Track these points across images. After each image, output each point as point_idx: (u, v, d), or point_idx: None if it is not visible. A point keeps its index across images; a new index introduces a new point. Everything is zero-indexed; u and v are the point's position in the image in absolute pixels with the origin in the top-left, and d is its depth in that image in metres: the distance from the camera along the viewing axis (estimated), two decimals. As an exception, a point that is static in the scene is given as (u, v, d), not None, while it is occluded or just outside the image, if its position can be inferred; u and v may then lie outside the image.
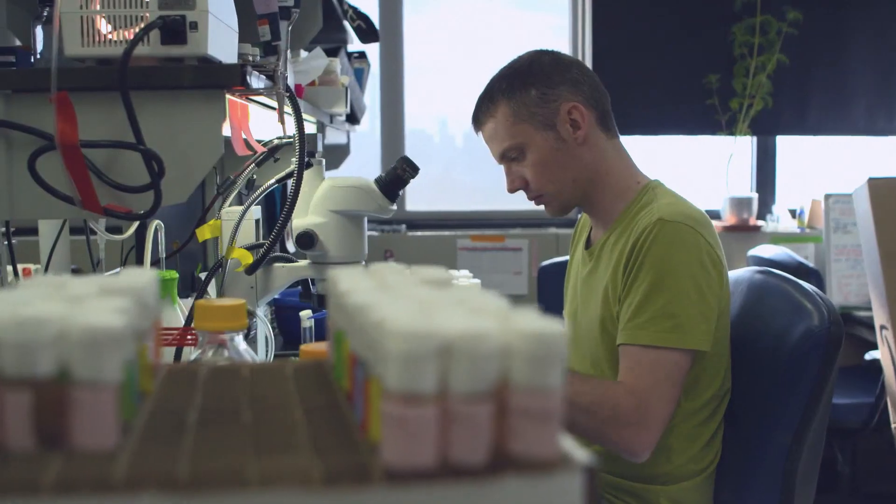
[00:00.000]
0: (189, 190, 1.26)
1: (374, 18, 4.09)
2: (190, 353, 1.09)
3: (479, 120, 1.79)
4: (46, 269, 1.98)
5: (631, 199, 1.72)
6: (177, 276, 1.77)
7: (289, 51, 2.10)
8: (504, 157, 1.76)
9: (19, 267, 2.41)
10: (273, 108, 1.59)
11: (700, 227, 1.61)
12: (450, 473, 0.42)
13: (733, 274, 1.88)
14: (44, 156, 1.18)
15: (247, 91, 1.29)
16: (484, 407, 0.42)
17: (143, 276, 0.59)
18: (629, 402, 1.55)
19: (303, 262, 1.70)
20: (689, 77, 3.92)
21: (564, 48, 4.09)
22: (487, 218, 4.10)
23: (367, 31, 3.19)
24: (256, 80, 1.31)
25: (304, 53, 2.67)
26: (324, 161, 1.72)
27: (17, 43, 1.48)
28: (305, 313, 2.06)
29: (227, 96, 1.32)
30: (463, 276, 2.83)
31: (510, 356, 0.42)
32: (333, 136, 3.59)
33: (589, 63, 3.97)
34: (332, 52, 3.13)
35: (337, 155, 3.77)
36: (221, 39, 1.26)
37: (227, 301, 1.04)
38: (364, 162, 4.18)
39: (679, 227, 1.59)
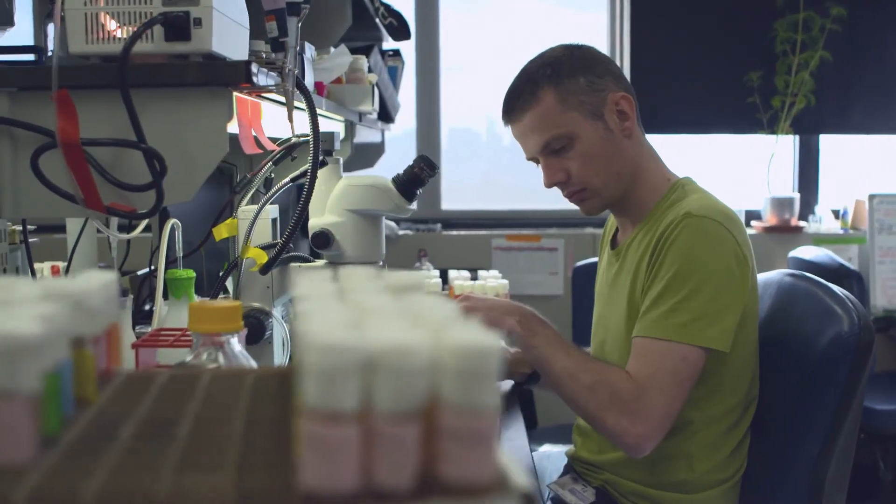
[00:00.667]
0: (194, 188, 1.25)
1: (411, 15, 4.08)
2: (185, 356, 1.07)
3: (515, 110, 1.68)
4: (69, 268, 1.98)
5: (661, 195, 1.68)
6: (193, 275, 1.76)
7: (311, 48, 2.09)
8: (546, 148, 1.66)
9: (47, 265, 2.44)
10: (294, 107, 1.57)
11: (729, 223, 1.56)
12: (373, 498, 0.39)
13: (763, 276, 1.82)
14: (49, 154, 1.17)
15: (254, 88, 1.27)
16: (410, 427, 0.39)
17: (95, 280, 0.57)
18: (628, 388, 1.50)
19: (319, 263, 1.68)
20: (730, 75, 3.84)
21: (602, 45, 4.03)
22: (523, 217, 4.05)
23: (398, 29, 3.17)
24: (266, 78, 1.29)
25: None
26: (341, 160, 1.69)
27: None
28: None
29: (235, 94, 1.30)
30: (491, 277, 2.80)
31: (439, 372, 0.39)
32: (368, 135, 3.58)
33: (627, 60, 3.92)
34: (364, 50, 3.12)
35: (372, 153, 3.75)
36: (228, 36, 1.24)
37: (223, 302, 1.02)
38: (400, 160, 4.15)
39: (706, 222, 1.54)
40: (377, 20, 3.11)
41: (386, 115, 3.44)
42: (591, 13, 4.08)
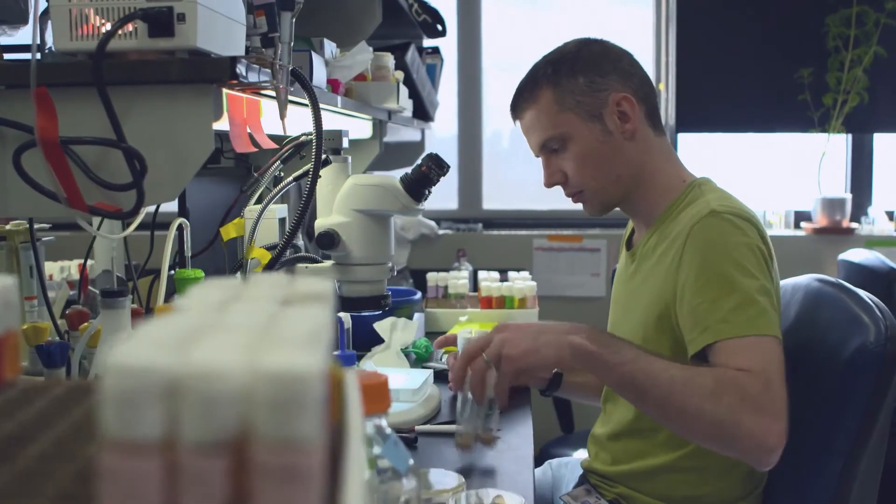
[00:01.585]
0: (179, 188, 1.22)
1: (452, 11, 4.04)
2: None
3: (518, 107, 1.69)
4: (84, 267, 1.99)
5: (675, 196, 1.61)
6: (202, 275, 1.74)
7: (332, 45, 2.06)
8: (543, 149, 1.66)
9: (75, 262, 2.45)
10: (300, 104, 1.54)
11: (754, 220, 1.50)
12: (177, 539, 0.35)
13: (791, 281, 1.75)
14: (35, 153, 1.15)
15: (243, 85, 1.24)
16: (218, 461, 0.35)
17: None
18: (755, 382, 1.31)
19: (326, 263, 1.64)
20: (780, 71, 3.72)
21: (647, 42, 3.94)
22: (565, 217, 3.97)
23: (432, 26, 3.13)
24: (257, 75, 1.25)
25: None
26: (350, 158, 1.66)
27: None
28: (344, 316, 2.02)
29: (226, 91, 1.27)
30: (520, 278, 2.75)
31: (250, 401, 0.35)
32: (407, 134, 3.54)
33: (673, 58, 3.82)
34: (401, 48, 3.09)
35: (410, 152, 3.72)
36: (218, 32, 1.21)
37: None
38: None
39: (734, 218, 1.47)
40: (411, 17, 3.08)
41: (424, 114, 3.40)
42: (638, 7, 4.00)
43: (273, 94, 1.49)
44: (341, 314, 2.01)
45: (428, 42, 3.59)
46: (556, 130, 1.62)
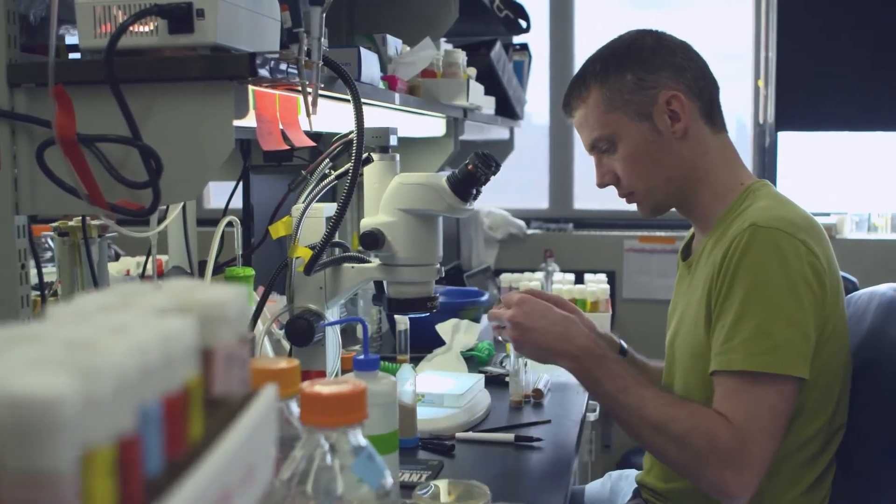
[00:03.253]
0: (200, 186, 1.21)
1: (545, 6, 3.96)
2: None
3: (569, 105, 1.63)
4: (145, 265, 2.01)
5: (732, 201, 1.51)
6: (252, 273, 1.74)
7: (397, 41, 2.03)
8: (594, 149, 1.60)
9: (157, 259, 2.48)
10: (343, 100, 1.52)
11: (802, 233, 1.38)
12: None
13: (867, 291, 1.63)
14: (58, 149, 1.16)
15: (268, 81, 1.21)
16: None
17: None
18: (729, 436, 1.32)
19: (373, 263, 1.61)
20: (890, 66, 3.51)
21: (747, 37, 3.79)
22: (658, 219, 3.84)
23: (514, 22, 3.07)
24: (282, 71, 1.23)
25: (446, 46, 2.60)
26: (398, 156, 1.62)
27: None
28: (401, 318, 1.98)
29: (253, 88, 1.25)
30: (595, 281, 2.66)
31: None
32: (496, 132, 3.50)
33: (773, 53, 3.66)
34: (486, 45, 3.04)
35: (499, 151, 3.67)
36: (243, 28, 1.19)
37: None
38: (534, 158, 4.06)
39: (776, 233, 1.37)
40: (493, 12, 3.03)
41: (510, 112, 3.34)
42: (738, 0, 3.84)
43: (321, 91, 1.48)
44: (397, 317, 1.98)
45: (518, 39, 3.54)
46: (604, 131, 1.56)
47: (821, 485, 1.45)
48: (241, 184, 2.13)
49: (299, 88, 1.37)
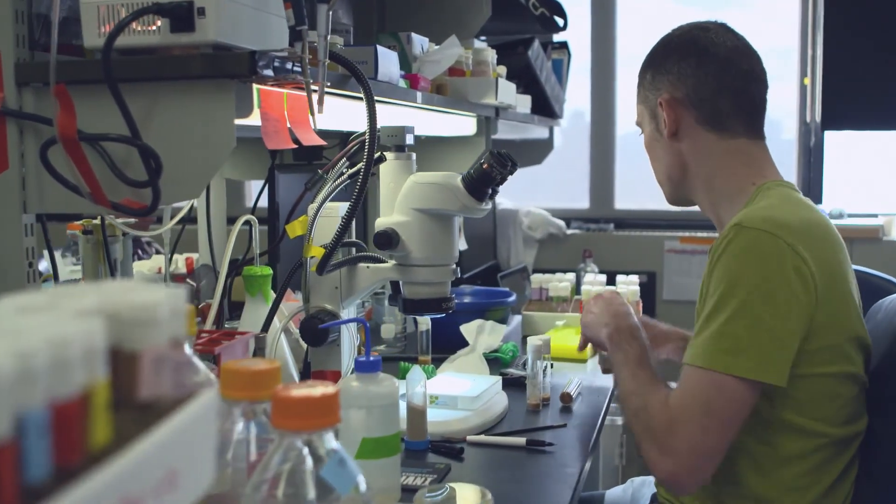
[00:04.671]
0: (201, 186, 1.21)
1: (586, 4, 3.92)
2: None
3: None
4: (168, 262, 2.02)
5: (745, 201, 1.49)
6: (270, 272, 1.74)
7: (423, 40, 2.02)
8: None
9: (183, 256, 2.51)
10: (357, 98, 1.51)
11: (790, 235, 1.34)
12: None
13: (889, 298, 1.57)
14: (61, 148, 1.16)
15: (271, 79, 1.21)
16: None
17: None
18: (661, 418, 1.35)
19: (389, 263, 1.60)
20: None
21: (793, 35, 3.70)
22: (700, 219, 3.78)
23: (550, 20, 3.04)
24: (285, 70, 1.22)
25: (477, 44, 2.58)
26: (414, 155, 1.61)
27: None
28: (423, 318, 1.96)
29: (258, 86, 1.25)
30: (626, 282, 2.62)
31: None
32: (536, 132, 3.47)
33: (819, 51, 3.57)
34: (524, 43, 3.01)
35: (538, 150, 3.64)
36: (245, 26, 1.19)
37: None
38: (574, 157, 4.02)
39: (758, 234, 1.33)
40: (529, 10, 3.00)
41: (549, 111, 3.31)
42: (784, -2, 3.77)
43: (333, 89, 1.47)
44: (418, 317, 1.97)
45: (558, 37, 3.50)
46: (637, 118, 1.68)
47: (835, 491, 1.39)
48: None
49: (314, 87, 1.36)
